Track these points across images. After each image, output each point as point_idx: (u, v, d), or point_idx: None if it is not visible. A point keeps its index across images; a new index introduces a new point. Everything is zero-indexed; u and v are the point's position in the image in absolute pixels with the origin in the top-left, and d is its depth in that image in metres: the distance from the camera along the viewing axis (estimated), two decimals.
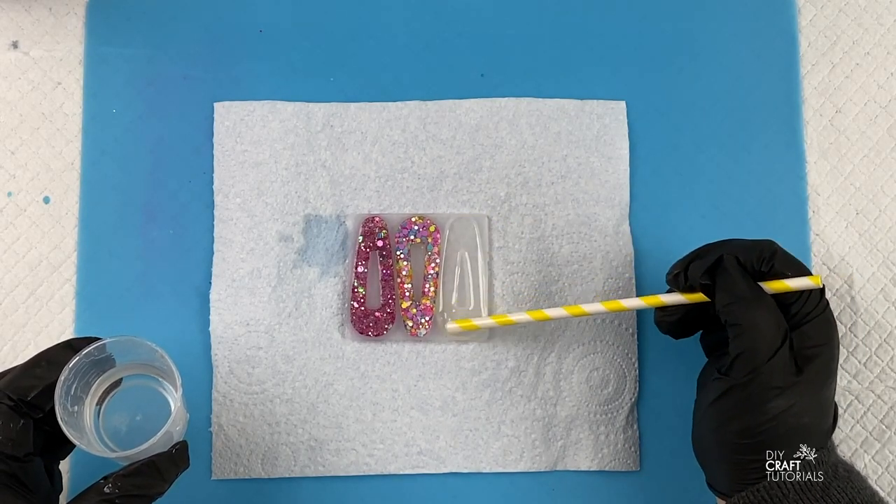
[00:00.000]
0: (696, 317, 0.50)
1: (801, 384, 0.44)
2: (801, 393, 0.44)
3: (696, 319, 0.50)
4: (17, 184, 0.57)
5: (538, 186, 0.57)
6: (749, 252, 0.46)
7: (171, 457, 0.45)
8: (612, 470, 0.55)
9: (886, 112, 0.60)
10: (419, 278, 0.56)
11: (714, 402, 0.45)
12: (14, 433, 0.41)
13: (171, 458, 0.45)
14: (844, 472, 0.44)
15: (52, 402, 0.42)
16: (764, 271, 0.46)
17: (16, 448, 0.41)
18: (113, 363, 0.47)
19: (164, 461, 0.44)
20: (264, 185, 0.56)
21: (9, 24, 0.59)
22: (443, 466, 0.55)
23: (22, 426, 0.42)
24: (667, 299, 0.49)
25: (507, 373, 0.55)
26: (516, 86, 0.58)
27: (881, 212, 0.58)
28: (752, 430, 0.44)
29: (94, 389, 0.47)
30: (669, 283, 0.49)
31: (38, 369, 0.43)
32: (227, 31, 0.59)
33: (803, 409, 0.44)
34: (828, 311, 0.46)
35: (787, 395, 0.43)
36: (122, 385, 0.48)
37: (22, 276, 0.56)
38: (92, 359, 0.45)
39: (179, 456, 0.45)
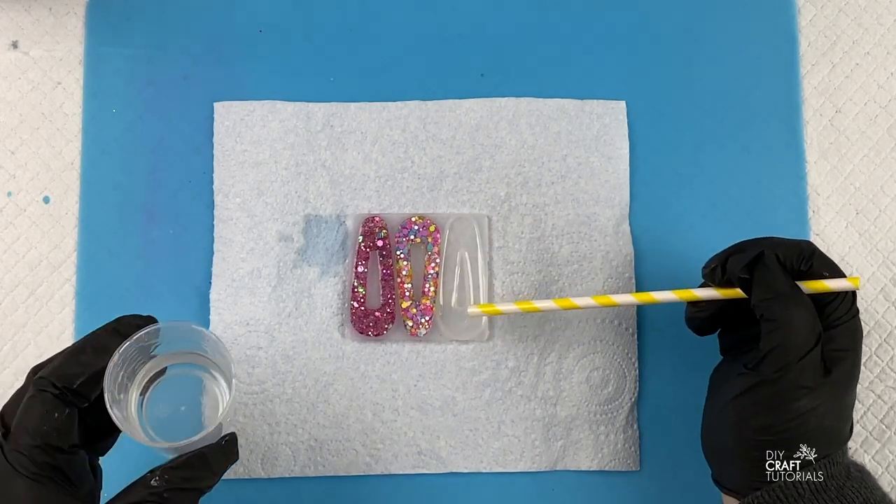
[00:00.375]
0: (726, 313, 0.49)
1: (828, 386, 0.43)
2: (826, 395, 0.43)
3: (725, 316, 0.50)
4: (17, 184, 0.57)
5: (538, 186, 0.57)
6: (789, 250, 0.45)
7: (222, 448, 0.43)
8: (612, 470, 0.55)
9: (886, 112, 0.60)
10: (419, 278, 0.56)
11: (737, 397, 0.45)
12: (60, 423, 0.39)
13: (222, 450, 0.43)
14: (857, 473, 0.44)
15: (97, 391, 0.41)
16: (803, 270, 0.45)
17: (61, 439, 0.39)
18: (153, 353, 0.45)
19: (215, 453, 0.42)
20: (264, 184, 0.56)
21: (9, 24, 0.59)
22: (443, 466, 0.55)
23: (67, 415, 0.40)
24: (701, 294, 0.48)
25: (507, 373, 0.55)
26: (516, 86, 0.58)
27: (881, 212, 0.58)
28: (774, 427, 0.43)
29: (139, 378, 0.45)
30: (706, 276, 0.48)
31: (84, 356, 0.41)
32: (227, 31, 0.59)
33: (827, 411, 0.43)
34: (857, 317, 0.46)
35: (814, 396, 0.43)
36: (167, 374, 0.46)
37: (22, 276, 0.56)
38: (140, 345, 0.43)
39: (229, 448, 0.43)
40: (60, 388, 0.40)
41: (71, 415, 0.40)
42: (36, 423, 0.39)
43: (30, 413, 0.40)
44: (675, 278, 0.57)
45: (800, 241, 0.46)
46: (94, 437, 0.43)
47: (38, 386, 0.40)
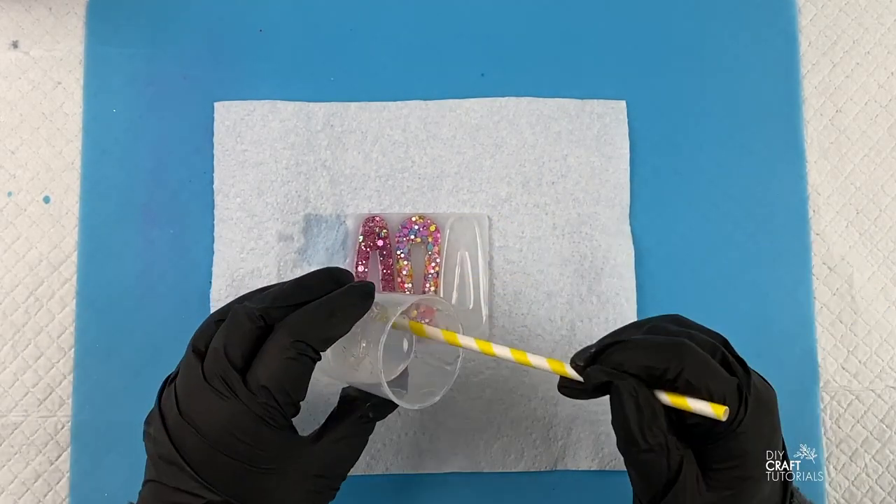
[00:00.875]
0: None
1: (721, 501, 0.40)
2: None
3: None
4: (17, 184, 0.57)
5: (538, 186, 0.57)
6: (657, 359, 0.40)
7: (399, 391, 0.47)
8: (612, 470, 0.55)
9: (887, 112, 0.60)
10: (419, 278, 0.56)
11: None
12: (308, 381, 0.42)
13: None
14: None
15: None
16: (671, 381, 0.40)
17: (302, 394, 0.42)
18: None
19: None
20: (264, 184, 0.56)
21: (9, 24, 0.59)
22: (443, 466, 0.55)
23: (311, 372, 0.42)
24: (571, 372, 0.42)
25: (507, 373, 0.55)
26: (516, 86, 0.58)
27: (881, 211, 0.58)
28: None
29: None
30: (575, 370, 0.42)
31: (335, 320, 0.42)
32: (227, 31, 0.59)
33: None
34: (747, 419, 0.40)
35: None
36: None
37: (22, 276, 0.56)
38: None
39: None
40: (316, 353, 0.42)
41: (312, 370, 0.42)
42: (295, 386, 0.41)
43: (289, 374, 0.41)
44: (676, 278, 0.57)
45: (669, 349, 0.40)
46: None
47: (297, 349, 0.41)
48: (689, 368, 0.40)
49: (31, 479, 0.54)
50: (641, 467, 0.41)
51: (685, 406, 0.40)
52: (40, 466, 0.54)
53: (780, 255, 0.57)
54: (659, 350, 0.40)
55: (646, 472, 0.41)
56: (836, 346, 0.57)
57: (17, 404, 0.55)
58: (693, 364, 0.40)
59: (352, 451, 0.44)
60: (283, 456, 0.41)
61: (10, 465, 0.54)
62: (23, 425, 0.55)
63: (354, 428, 0.44)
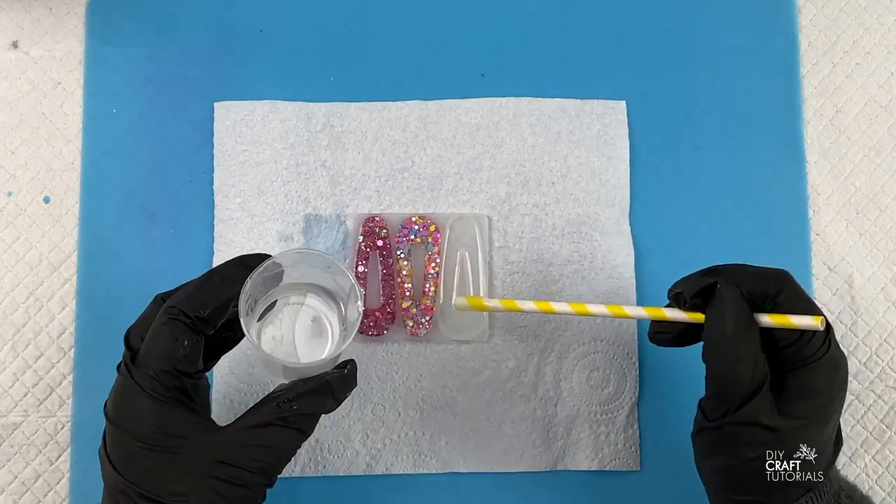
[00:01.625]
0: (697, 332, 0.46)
1: (786, 432, 0.42)
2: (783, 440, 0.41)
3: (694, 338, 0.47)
4: (17, 184, 0.57)
5: (538, 186, 0.57)
6: (756, 282, 0.43)
7: (344, 376, 0.44)
8: (612, 470, 0.55)
9: (887, 112, 0.60)
10: (419, 278, 0.56)
11: (694, 434, 0.44)
12: (189, 350, 0.42)
13: (344, 378, 0.44)
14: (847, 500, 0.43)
15: (222, 319, 0.43)
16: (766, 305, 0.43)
17: (190, 364, 0.42)
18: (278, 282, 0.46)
19: (338, 380, 0.44)
20: (264, 184, 0.56)
21: (9, 24, 0.59)
22: (443, 466, 0.55)
23: (196, 343, 0.42)
24: (670, 314, 0.45)
25: (507, 373, 0.55)
26: (516, 86, 0.58)
27: (881, 212, 0.58)
28: (728, 471, 0.43)
29: (256, 308, 0.46)
30: (671, 299, 0.46)
31: (212, 286, 0.43)
32: (227, 31, 0.59)
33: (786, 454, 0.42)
34: (829, 354, 0.42)
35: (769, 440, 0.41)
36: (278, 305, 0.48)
37: (22, 276, 0.56)
38: (265, 275, 0.44)
39: (351, 376, 0.45)
40: (191, 317, 0.42)
41: (199, 342, 0.42)
42: (167, 350, 0.41)
43: (161, 339, 0.41)
44: (676, 278, 0.57)
45: (771, 272, 0.43)
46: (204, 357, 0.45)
47: (169, 314, 0.42)
48: (788, 292, 0.42)
49: (31, 479, 0.54)
50: (728, 376, 0.41)
51: (786, 322, 0.42)
52: (40, 466, 0.54)
53: (780, 255, 0.57)
54: (760, 274, 0.43)
55: (730, 382, 0.41)
56: None
57: (16, 404, 0.55)
58: (790, 289, 0.43)
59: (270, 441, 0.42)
60: (172, 433, 0.40)
61: (10, 465, 0.54)
62: (23, 425, 0.55)
63: (269, 416, 0.42)
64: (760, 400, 0.41)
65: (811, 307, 0.43)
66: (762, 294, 0.42)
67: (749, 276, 0.43)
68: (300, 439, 0.43)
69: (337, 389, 0.44)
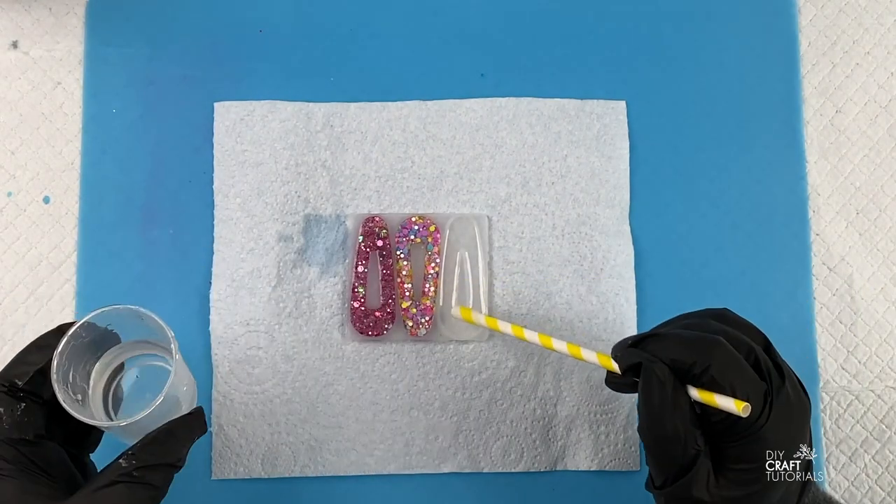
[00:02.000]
0: None
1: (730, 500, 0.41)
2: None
3: None
4: (17, 184, 0.57)
5: (538, 186, 0.57)
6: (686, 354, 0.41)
7: (185, 421, 0.44)
8: (612, 470, 0.55)
9: (886, 112, 0.60)
10: (419, 278, 0.56)
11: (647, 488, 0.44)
12: (17, 416, 0.41)
13: (186, 422, 0.43)
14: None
15: (51, 388, 0.41)
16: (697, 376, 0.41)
17: (22, 430, 0.41)
18: (114, 342, 0.46)
19: (179, 426, 0.43)
20: (264, 185, 0.56)
21: (9, 24, 0.59)
22: (443, 466, 0.55)
23: (24, 409, 0.41)
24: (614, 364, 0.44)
25: (507, 373, 0.55)
26: (516, 86, 0.58)
27: (881, 212, 0.58)
28: None
29: (96, 375, 0.46)
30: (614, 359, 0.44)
31: (30, 356, 0.43)
32: (227, 31, 0.59)
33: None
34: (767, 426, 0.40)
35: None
36: (126, 369, 0.47)
37: (22, 276, 0.56)
38: (81, 341, 0.43)
39: (195, 420, 0.44)
40: (8, 386, 0.41)
41: (29, 408, 0.42)
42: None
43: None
44: (676, 278, 0.57)
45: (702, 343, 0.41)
46: (77, 436, 0.45)
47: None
48: (717, 366, 0.40)
49: None
50: (658, 451, 0.41)
51: (711, 401, 0.40)
52: None
53: (780, 255, 0.57)
54: (691, 345, 0.41)
55: (661, 456, 0.41)
56: (836, 346, 0.57)
57: None
58: (721, 362, 0.40)
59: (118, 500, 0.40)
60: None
61: None
62: None
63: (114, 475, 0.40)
64: (695, 474, 0.41)
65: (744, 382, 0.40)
66: (690, 366, 0.41)
67: (680, 345, 0.41)
68: (153, 494, 0.41)
69: (180, 435, 0.43)
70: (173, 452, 0.42)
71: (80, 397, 0.44)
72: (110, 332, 0.45)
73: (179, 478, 0.47)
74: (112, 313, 0.43)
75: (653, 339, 0.43)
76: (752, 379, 0.41)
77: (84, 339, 0.44)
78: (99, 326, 0.44)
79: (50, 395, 0.42)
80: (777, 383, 0.41)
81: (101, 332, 0.44)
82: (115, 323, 0.44)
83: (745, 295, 0.57)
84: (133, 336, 0.46)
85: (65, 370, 0.42)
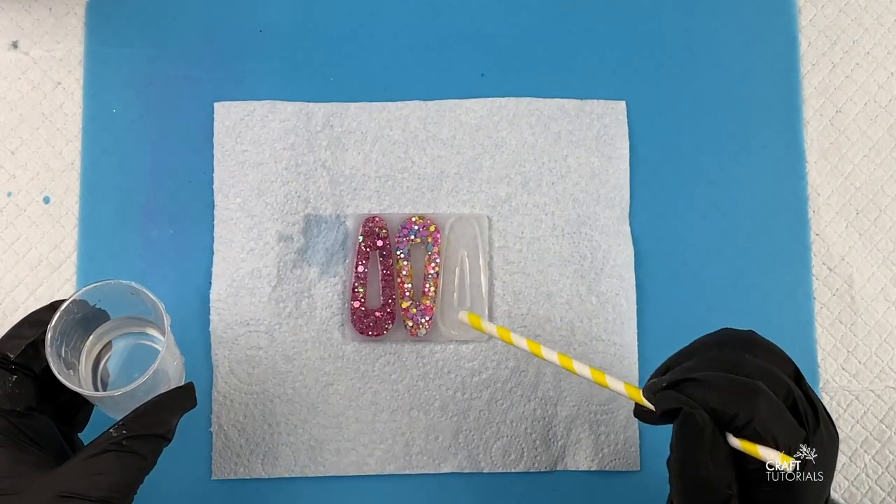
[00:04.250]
0: None
1: None
2: None
3: None
4: (17, 184, 0.57)
5: (538, 186, 0.57)
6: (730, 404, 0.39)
7: (174, 393, 0.45)
8: (612, 470, 0.55)
9: (887, 112, 0.60)
10: (419, 278, 0.56)
11: None
12: (9, 388, 0.42)
13: (175, 395, 0.45)
14: None
15: (42, 363, 0.43)
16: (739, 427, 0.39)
17: (13, 402, 0.42)
18: (103, 320, 0.47)
19: (168, 398, 0.44)
20: (264, 185, 0.56)
21: (9, 24, 0.59)
22: (443, 466, 0.55)
23: (15, 381, 0.43)
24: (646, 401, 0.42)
25: (507, 373, 0.55)
26: (516, 86, 0.58)
27: (881, 212, 0.58)
28: None
29: (86, 352, 0.47)
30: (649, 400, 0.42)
31: (22, 330, 0.44)
32: (227, 31, 0.59)
33: None
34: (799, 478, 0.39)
35: None
36: (114, 347, 0.48)
37: (22, 276, 0.56)
38: (73, 317, 0.44)
39: (185, 393, 0.45)
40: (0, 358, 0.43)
41: (20, 380, 0.43)
42: None
43: None
44: (676, 278, 0.57)
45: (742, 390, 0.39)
46: (67, 414, 0.46)
47: None
48: (760, 417, 0.38)
49: None
50: (689, 492, 0.40)
51: (754, 452, 0.39)
52: None
53: (780, 256, 0.57)
54: (733, 394, 0.39)
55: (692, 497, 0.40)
56: (836, 346, 0.57)
57: None
58: (765, 413, 0.38)
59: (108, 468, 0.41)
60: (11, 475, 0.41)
61: None
62: None
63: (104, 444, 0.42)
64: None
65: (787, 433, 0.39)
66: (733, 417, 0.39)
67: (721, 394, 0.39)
68: (142, 464, 0.43)
69: (168, 407, 0.44)
70: (163, 424, 0.44)
71: (71, 373, 0.45)
72: (100, 310, 0.46)
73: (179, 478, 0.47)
74: (104, 288, 0.44)
75: (691, 384, 0.40)
76: (793, 429, 0.39)
77: (76, 315, 0.44)
78: (90, 304, 0.45)
79: (41, 370, 0.43)
80: (813, 425, 0.40)
81: (92, 310, 0.45)
82: (106, 299, 0.45)
83: (745, 295, 0.57)
84: (122, 313, 0.47)
85: (57, 345, 0.43)
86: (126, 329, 0.48)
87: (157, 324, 0.47)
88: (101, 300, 0.45)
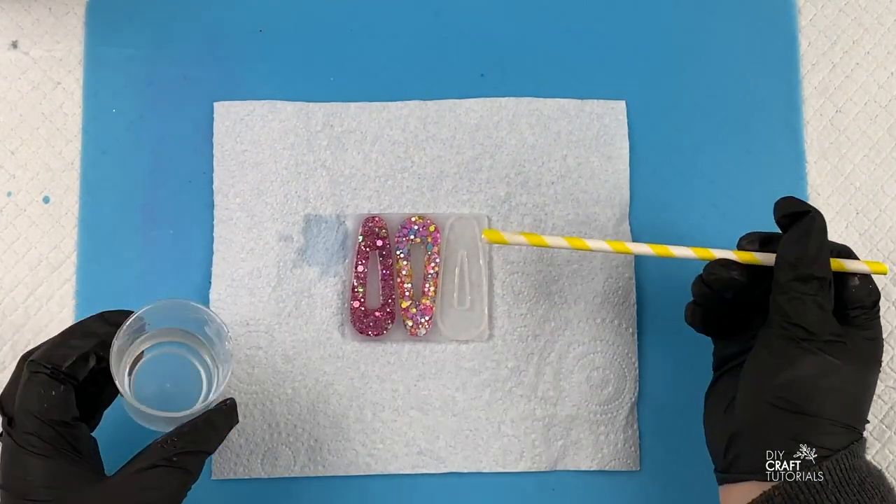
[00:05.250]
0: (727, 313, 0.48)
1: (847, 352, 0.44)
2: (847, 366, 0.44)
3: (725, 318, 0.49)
4: (17, 184, 0.57)
5: (538, 186, 0.57)
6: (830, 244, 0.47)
7: (223, 411, 0.46)
8: (612, 470, 0.55)
9: (887, 112, 0.60)
10: (419, 278, 0.56)
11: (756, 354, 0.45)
12: (58, 399, 0.43)
13: (223, 412, 0.46)
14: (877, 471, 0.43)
15: (85, 372, 0.44)
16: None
17: (62, 413, 0.42)
18: (142, 331, 0.47)
19: (219, 417, 0.45)
20: (264, 184, 0.56)
21: (9, 24, 0.59)
22: (443, 466, 0.55)
23: (63, 391, 0.43)
24: (718, 253, 0.47)
25: (507, 373, 0.55)
26: (516, 86, 0.58)
27: (881, 212, 0.58)
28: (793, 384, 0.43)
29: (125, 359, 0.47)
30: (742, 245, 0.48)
31: (73, 339, 0.44)
32: (227, 31, 0.59)
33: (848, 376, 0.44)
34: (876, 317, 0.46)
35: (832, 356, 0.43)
36: (146, 356, 0.48)
37: (22, 276, 0.56)
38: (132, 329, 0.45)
39: (231, 412, 0.46)
40: (51, 368, 0.43)
41: (67, 390, 0.43)
42: (36, 404, 0.42)
43: (29, 395, 0.42)
44: (675, 278, 0.57)
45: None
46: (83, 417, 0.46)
47: (31, 369, 0.43)
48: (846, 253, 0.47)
49: None
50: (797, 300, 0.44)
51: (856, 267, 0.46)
52: None
53: None
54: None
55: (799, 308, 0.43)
56: None
57: None
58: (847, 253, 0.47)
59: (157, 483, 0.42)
60: (61, 486, 0.41)
61: None
62: None
63: (154, 458, 0.43)
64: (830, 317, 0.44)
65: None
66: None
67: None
68: (188, 479, 0.44)
69: (219, 426, 0.45)
70: (212, 441, 0.45)
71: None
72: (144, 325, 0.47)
73: None
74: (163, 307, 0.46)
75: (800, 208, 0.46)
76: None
77: (133, 329, 0.45)
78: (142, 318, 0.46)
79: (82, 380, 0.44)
80: None
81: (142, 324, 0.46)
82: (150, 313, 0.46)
83: None
84: (158, 325, 0.48)
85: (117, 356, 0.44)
86: (158, 339, 0.49)
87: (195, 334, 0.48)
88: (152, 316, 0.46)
